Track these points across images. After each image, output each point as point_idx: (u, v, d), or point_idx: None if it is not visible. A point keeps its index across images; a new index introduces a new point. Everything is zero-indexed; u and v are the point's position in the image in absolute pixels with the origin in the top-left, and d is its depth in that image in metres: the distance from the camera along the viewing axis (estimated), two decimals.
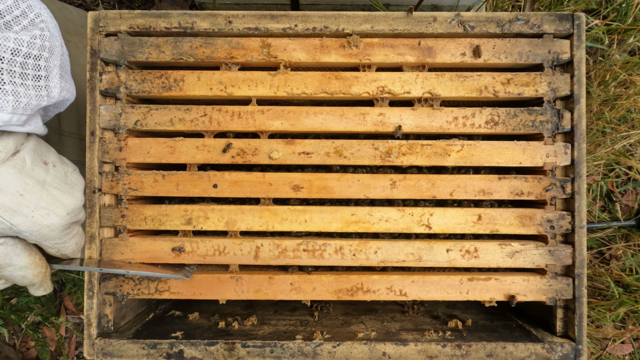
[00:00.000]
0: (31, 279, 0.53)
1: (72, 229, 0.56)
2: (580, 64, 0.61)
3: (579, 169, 0.61)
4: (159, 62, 0.63)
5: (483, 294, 0.63)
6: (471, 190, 0.62)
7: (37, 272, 0.53)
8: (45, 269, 0.54)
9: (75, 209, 0.55)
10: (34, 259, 0.52)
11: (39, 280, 0.54)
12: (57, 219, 0.52)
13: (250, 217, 0.63)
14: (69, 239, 0.55)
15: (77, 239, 0.57)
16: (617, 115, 1.19)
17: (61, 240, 0.54)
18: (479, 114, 0.62)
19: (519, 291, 0.62)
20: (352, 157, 0.63)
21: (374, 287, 0.63)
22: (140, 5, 1.22)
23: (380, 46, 0.62)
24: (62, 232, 0.53)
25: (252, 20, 0.61)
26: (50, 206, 0.52)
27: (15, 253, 0.50)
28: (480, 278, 0.63)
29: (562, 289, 0.62)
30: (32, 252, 0.52)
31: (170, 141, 0.63)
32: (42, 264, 0.54)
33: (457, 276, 0.63)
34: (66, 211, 0.53)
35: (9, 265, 0.50)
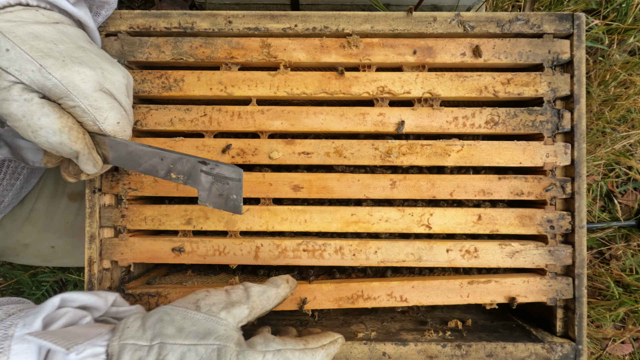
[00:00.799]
0: (70, 145, 0.47)
1: (109, 97, 0.49)
2: (580, 64, 0.61)
3: (579, 169, 0.61)
4: (159, 62, 0.63)
5: (484, 296, 0.62)
6: (471, 190, 0.62)
7: (74, 137, 0.47)
8: (83, 134, 0.48)
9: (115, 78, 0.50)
10: (67, 121, 0.46)
11: (80, 147, 0.48)
12: (90, 70, 0.47)
13: (250, 217, 0.63)
14: (105, 104, 0.48)
15: (116, 114, 0.50)
16: (617, 115, 1.19)
17: (95, 102, 0.47)
18: (479, 114, 0.62)
19: (519, 293, 0.62)
20: (352, 157, 0.63)
21: (375, 293, 0.62)
22: (140, 5, 1.22)
23: (380, 46, 0.62)
24: (96, 91, 0.47)
25: (252, 20, 0.61)
26: (84, 59, 0.48)
27: (43, 113, 0.45)
28: (480, 281, 0.62)
29: (562, 289, 0.62)
30: (63, 114, 0.47)
31: (170, 141, 0.63)
32: (78, 129, 0.48)
33: (457, 280, 0.62)
34: (102, 71, 0.48)
35: (40, 128, 0.45)
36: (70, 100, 0.46)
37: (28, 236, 0.83)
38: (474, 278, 0.63)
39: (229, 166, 0.50)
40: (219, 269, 0.74)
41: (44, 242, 0.85)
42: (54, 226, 0.84)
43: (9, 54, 0.44)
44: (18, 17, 0.46)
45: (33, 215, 0.82)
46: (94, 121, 0.48)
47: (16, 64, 0.44)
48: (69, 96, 0.46)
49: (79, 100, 0.47)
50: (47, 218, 0.83)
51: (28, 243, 0.84)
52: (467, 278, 0.63)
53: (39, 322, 0.39)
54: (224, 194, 0.51)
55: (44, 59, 0.45)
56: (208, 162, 0.50)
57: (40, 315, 0.39)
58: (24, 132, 0.46)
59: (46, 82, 0.45)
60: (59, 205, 0.83)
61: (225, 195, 0.51)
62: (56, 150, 0.48)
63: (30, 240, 0.84)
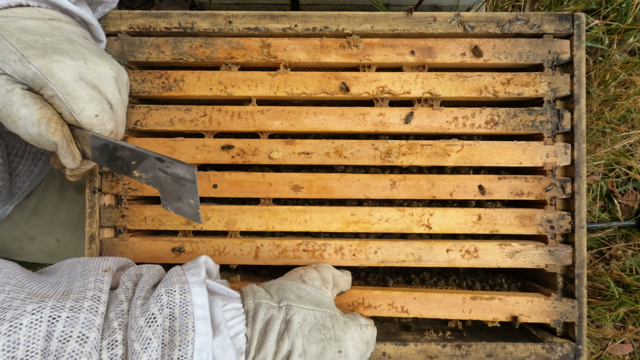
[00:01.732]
0: (48, 136, 0.47)
1: (90, 89, 0.49)
2: (580, 64, 0.61)
3: (579, 169, 0.61)
4: (159, 62, 0.63)
5: (486, 313, 0.61)
6: (471, 190, 0.62)
7: (52, 129, 0.47)
8: (62, 126, 0.48)
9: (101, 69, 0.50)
10: (46, 113, 0.47)
11: (58, 139, 0.48)
12: (71, 60, 0.47)
13: (250, 217, 0.63)
14: (84, 95, 0.48)
15: (95, 106, 0.49)
16: (617, 115, 1.19)
17: (73, 92, 0.47)
18: (479, 114, 0.62)
19: (522, 312, 0.61)
20: (352, 157, 0.63)
21: (375, 302, 0.62)
22: (140, 5, 1.22)
23: (380, 46, 0.62)
24: (75, 81, 0.47)
25: (252, 20, 0.61)
26: (69, 50, 0.48)
27: (22, 104, 0.46)
28: (483, 297, 0.61)
29: (566, 312, 0.61)
30: (43, 106, 0.46)
31: (170, 141, 0.63)
32: (57, 120, 0.48)
33: (460, 294, 0.61)
34: (85, 61, 0.48)
35: (19, 119, 0.46)
36: (48, 89, 0.47)
37: (35, 228, 0.83)
38: (477, 294, 0.62)
39: (182, 165, 0.46)
40: (219, 267, 0.74)
41: (50, 234, 0.85)
42: (60, 218, 0.84)
43: None
44: (13, 14, 0.47)
45: (40, 206, 0.82)
46: (70, 112, 0.48)
47: (1, 55, 0.45)
48: (47, 85, 0.46)
49: (56, 88, 0.46)
50: (53, 209, 0.84)
51: (34, 235, 0.84)
52: (470, 293, 0.62)
53: (204, 272, 0.45)
54: (181, 197, 0.48)
55: (26, 49, 0.46)
56: (164, 160, 0.47)
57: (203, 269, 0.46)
58: (5, 122, 0.47)
59: (26, 71, 0.46)
60: (65, 197, 0.84)
61: (183, 199, 0.48)
62: (36, 141, 0.48)
63: (36, 232, 0.84)
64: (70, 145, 0.50)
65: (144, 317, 0.39)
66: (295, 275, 0.55)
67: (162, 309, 0.40)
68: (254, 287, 0.51)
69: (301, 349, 0.45)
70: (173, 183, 0.48)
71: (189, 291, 0.42)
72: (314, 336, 0.46)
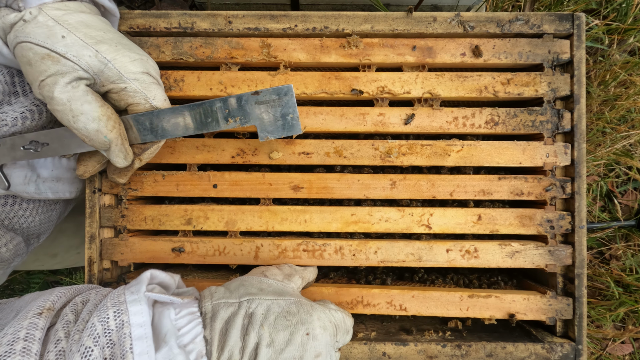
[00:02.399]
0: (105, 133, 0.50)
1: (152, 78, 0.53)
2: (580, 64, 0.61)
3: (579, 169, 0.61)
4: (159, 62, 0.63)
5: (483, 311, 0.62)
6: (471, 190, 0.62)
7: (111, 126, 0.50)
8: (119, 125, 0.52)
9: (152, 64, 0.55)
10: (106, 111, 0.50)
11: (114, 136, 0.51)
12: (137, 55, 0.52)
13: (250, 217, 0.63)
14: (152, 84, 0.53)
15: (162, 92, 0.54)
16: (617, 115, 1.19)
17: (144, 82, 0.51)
18: (479, 114, 0.62)
19: (519, 310, 0.61)
20: (352, 157, 0.63)
21: (374, 300, 0.62)
22: (140, 5, 1.22)
23: (380, 46, 0.62)
24: (143, 73, 0.52)
25: (252, 20, 0.61)
26: (130, 46, 0.53)
27: (86, 100, 0.48)
28: (480, 295, 0.61)
29: (562, 309, 0.61)
30: (104, 104, 0.50)
31: (170, 141, 0.63)
32: (116, 119, 0.51)
33: (458, 292, 0.62)
34: (143, 56, 0.53)
35: (81, 114, 0.48)
36: (122, 82, 0.50)
37: (59, 246, 0.84)
38: (474, 292, 0.62)
39: (277, 87, 0.54)
40: (220, 267, 0.74)
41: (71, 249, 0.85)
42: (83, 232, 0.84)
43: (65, 40, 0.47)
44: (66, 7, 0.49)
45: (64, 225, 0.81)
46: (146, 99, 0.52)
47: (73, 49, 0.47)
48: (121, 78, 0.50)
49: (129, 81, 0.50)
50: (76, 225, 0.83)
51: (56, 253, 0.85)
52: (467, 291, 0.62)
53: (144, 288, 0.44)
54: (279, 117, 0.55)
55: (98, 44, 0.48)
56: (260, 91, 0.54)
57: (144, 285, 0.44)
58: (64, 116, 0.48)
59: (101, 66, 0.48)
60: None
61: (281, 118, 0.55)
62: (91, 137, 0.50)
63: (59, 249, 0.84)
64: (125, 144, 0.53)
65: (79, 353, 0.37)
66: (257, 272, 0.55)
67: (98, 339, 0.38)
68: (212, 288, 0.50)
69: (268, 338, 0.44)
70: (270, 108, 0.54)
71: (126, 312, 0.40)
72: (280, 324, 0.45)
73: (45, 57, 0.46)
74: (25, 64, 0.47)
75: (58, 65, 0.46)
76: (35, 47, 0.46)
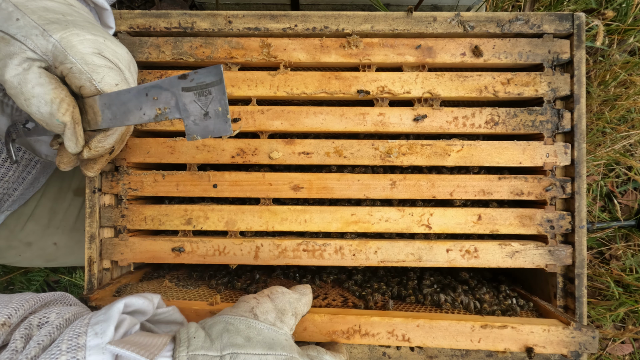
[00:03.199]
0: (58, 116, 0.47)
1: (108, 62, 0.50)
2: (580, 64, 0.61)
3: (579, 169, 0.61)
4: (159, 62, 0.63)
5: (497, 343, 0.55)
6: (471, 190, 0.62)
7: (64, 109, 0.47)
8: (73, 107, 0.49)
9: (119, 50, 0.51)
10: (59, 93, 0.47)
11: (67, 119, 0.48)
12: (91, 35, 0.49)
13: (250, 217, 0.63)
14: (103, 65, 0.49)
15: (115, 75, 0.50)
16: (617, 115, 1.19)
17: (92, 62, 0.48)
18: (479, 114, 0.62)
19: (537, 342, 0.55)
20: (352, 157, 0.63)
21: (374, 329, 0.56)
22: (140, 5, 1.22)
23: (380, 46, 0.62)
24: (94, 54, 0.48)
25: (252, 20, 0.61)
26: (89, 28, 0.49)
27: (38, 82, 0.46)
28: (495, 325, 0.55)
29: (586, 342, 0.56)
30: (58, 86, 0.48)
31: (170, 141, 0.63)
32: (70, 102, 0.48)
33: (469, 322, 0.56)
34: (104, 39, 0.50)
35: (32, 97, 0.46)
36: (67, 62, 0.47)
37: (31, 234, 0.83)
38: (487, 321, 0.56)
39: (207, 68, 0.45)
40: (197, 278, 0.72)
41: (47, 239, 0.85)
42: (56, 222, 0.84)
43: (18, 22, 0.46)
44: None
45: (37, 211, 0.81)
46: (91, 81, 0.48)
47: (23, 30, 0.46)
48: (66, 58, 0.47)
49: (75, 59, 0.47)
50: (50, 214, 0.83)
51: (31, 241, 0.84)
52: (479, 320, 0.57)
53: (111, 330, 0.37)
54: (209, 111, 0.46)
55: (48, 24, 0.47)
56: (187, 74, 0.46)
57: (112, 324, 0.38)
58: (18, 99, 0.47)
59: (48, 44, 0.46)
60: (63, 200, 0.83)
61: (211, 113, 0.46)
62: (45, 121, 0.49)
63: (33, 238, 0.84)
64: (77, 128, 0.50)
65: None
66: (246, 308, 0.47)
67: None
68: (191, 330, 0.43)
69: None
70: (199, 98, 0.46)
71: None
72: None
73: (0, 40, 0.46)
74: None
75: (8, 46, 0.46)
76: None
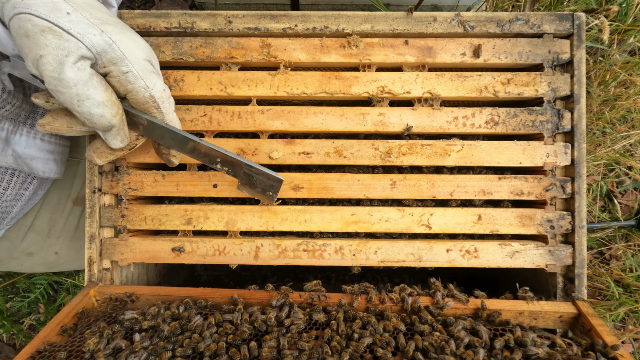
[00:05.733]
0: (110, 119, 0.50)
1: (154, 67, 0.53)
2: (580, 64, 0.61)
3: (579, 169, 0.61)
4: (159, 62, 0.63)
5: None
6: (471, 190, 0.62)
7: (115, 112, 0.50)
8: (122, 110, 0.51)
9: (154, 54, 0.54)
10: (111, 96, 0.49)
11: (117, 122, 0.51)
12: (143, 42, 0.52)
13: (250, 217, 0.63)
14: (153, 72, 0.52)
15: (162, 82, 0.54)
16: (617, 115, 1.19)
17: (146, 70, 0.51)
18: (479, 114, 0.62)
19: None
20: (352, 157, 0.63)
21: None
22: (140, 5, 1.22)
23: (380, 46, 0.62)
24: (145, 60, 0.51)
25: (252, 20, 0.61)
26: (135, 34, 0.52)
27: (92, 84, 0.47)
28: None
29: None
30: (108, 88, 0.49)
31: None
32: (119, 105, 0.51)
33: None
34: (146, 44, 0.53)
35: (87, 99, 0.47)
36: (124, 65, 0.49)
37: (32, 245, 0.83)
38: None
39: (272, 173, 0.58)
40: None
41: (48, 249, 0.85)
42: (57, 232, 0.84)
43: (70, 16, 0.45)
44: None
45: (36, 223, 0.81)
46: (145, 87, 0.51)
47: (78, 26, 0.46)
48: (123, 61, 0.49)
49: (132, 66, 0.49)
50: (50, 225, 0.83)
51: (32, 252, 0.84)
52: None
53: None
54: (261, 187, 0.60)
55: (104, 25, 0.48)
56: (253, 167, 0.58)
57: None
58: (69, 99, 0.47)
59: (106, 46, 0.47)
60: (63, 211, 0.83)
61: (263, 189, 0.60)
62: (92, 121, 0.49)
63: (34, 248, 0.84)
64: (125, 129, 0.53)
65: None
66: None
67: None
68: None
69: None
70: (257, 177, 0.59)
71: None
72: None
73: (46, 31, 0.44)
74: (21, 36, 0.45)
75: (60, 40, 0.45)
76: (36, 19, 0.44)
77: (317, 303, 0.59)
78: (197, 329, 0.53)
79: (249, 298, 0.60)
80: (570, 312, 0.58)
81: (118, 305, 0.60)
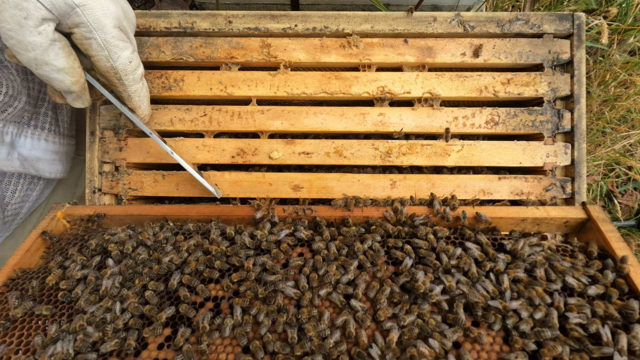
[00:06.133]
0: (69, 86, 0.49)
1: (124, 35, 0.50)
2: (580, 64, 0.61)
3: (579, 169, 0.61)
4: (159, 62, 0.63)
5: None
6: (471, 190, 0.62)
7: (75, 80, 0.49)
8: (83, 79, 0.50)
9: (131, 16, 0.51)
10: (73, 63, 0.48)
11: (77, 89, 0.50)
12: (113, 5, 0.48)
13: None
14: (121, 43, 0.49)
15: (129, 53, 0.50)
16: (617, 115, 1.19)
17: (112, 39, 0.47)
18: (479, 114, 0.62)
19: None
20: (352, 157, 0.63)
21: None
22: (140, 5, 1.22)
23: (380, 46, 0.62)
24: (114, 28, 0.48)
25: (252, 20, 0.61)
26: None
27: (53, 51, 0.46)
28: None
29: None
30: (71, 56, 0.48)
31: (171, 141, 0.63)
32: (80, 73, 0.49)
33: None
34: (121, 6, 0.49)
35: (45, 64, 0.46)
36: (87, 32, 0.47)
37: None
38: None
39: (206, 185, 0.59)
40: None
41: None
42: None
43: None
44: None
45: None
46: (108, 58, 0.49)
47: None
48: (87, 27, 0.46)
49: (96, 33, 0.47)
50: None
51: None
52: None
53: None
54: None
55: None
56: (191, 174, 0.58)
57: None
58: (27, 61, 0.46)
59: (68, 9, 0.45)
60: None
61: None
62: (51, 84, 0.49)
63: None
64: (85, 94, 0.52)
65: None
66: None
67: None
68: None
69: None
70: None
71: None
72: None
73: None
74: None
75: (23, 2, 0.43)
76: None
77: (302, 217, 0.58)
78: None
79: (230, 214, 0.58)
80: (578, 217, 0.55)
81: (90, 227, 0.59)
